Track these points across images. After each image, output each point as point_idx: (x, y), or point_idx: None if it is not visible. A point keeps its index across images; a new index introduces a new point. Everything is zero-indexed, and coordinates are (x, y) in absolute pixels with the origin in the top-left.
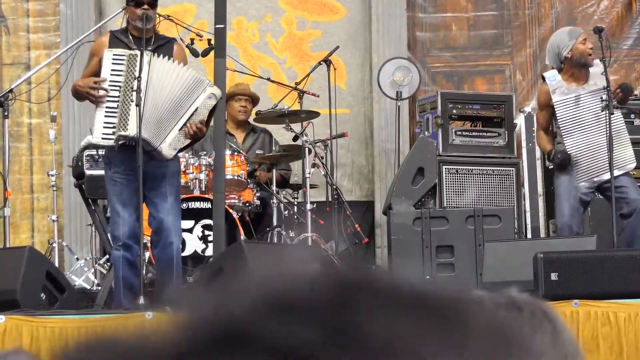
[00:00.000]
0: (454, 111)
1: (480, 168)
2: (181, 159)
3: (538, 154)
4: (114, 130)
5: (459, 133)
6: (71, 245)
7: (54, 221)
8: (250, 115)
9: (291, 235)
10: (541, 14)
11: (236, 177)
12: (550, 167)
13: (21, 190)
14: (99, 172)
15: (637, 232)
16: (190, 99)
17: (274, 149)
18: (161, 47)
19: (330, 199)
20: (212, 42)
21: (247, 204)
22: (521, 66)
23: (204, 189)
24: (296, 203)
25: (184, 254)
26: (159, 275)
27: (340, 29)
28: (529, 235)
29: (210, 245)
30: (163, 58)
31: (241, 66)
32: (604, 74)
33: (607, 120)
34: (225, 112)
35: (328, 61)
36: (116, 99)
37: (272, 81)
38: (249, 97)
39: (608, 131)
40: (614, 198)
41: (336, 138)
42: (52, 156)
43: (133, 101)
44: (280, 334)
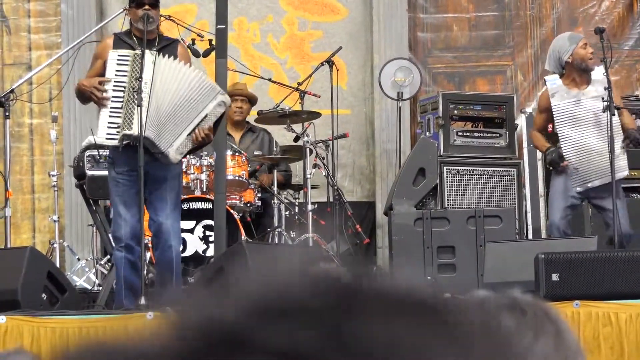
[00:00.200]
0: (455, 112)
1: (482, 169)
2: (182, 160)
3: (539, 154)
4: (118, 130)
5: (460, 134)
6: (72, 246)
7: (55, 221)
8: (247, 115)
9: (292, 235)
10: (542, 14)
11: (237, 178)
12: (550, 168)
13: (22, 191)
14: (100, 172)
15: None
16: (200, 105)
17: (274, 149)
18: (165, 48)
19: (331, 200)
20: (213, 42)
21: (248, 205)
22: (522, 67)
23: (205, 189)
24: (297, 203)
25: (185, 254)
26: (159, 277)
27: (341, 29)
28: (530, 236)
29: (212, 245)
30: (169, 58)
31: (242, 67)
32: (604, 79)
33: (608, 121)
34: (226, 112)
35: (331, 62)
36: (120, 99)
37: (273, 82)
38: (246, 98)
39: (609, 132)
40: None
41: (337, 139)
42: (53, 156)
43: (136, 102)
44: (278, 338)
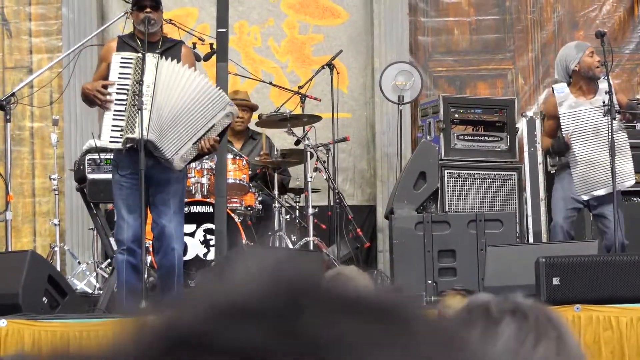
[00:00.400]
0: (456, 115)
1: (482, 172)
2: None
3: (540, 158)
4: (121, 133)
5: (461, 137)
6: (73, 249)
7: (55, 225)
8: (248, 123)
9: (293, 239)
10: (543, 18)
11: (238, 181)
12: (552, 172)
13: (23, 194)
14: (100, 176)
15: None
16: (208, 114)
17: (274, 154)
18: (169, 50)
19: (332, 203)
20: (214, 46)
21: (249, 208)
22: (523, 70)
23: (205, 193)
24: (298, 207)
25: (185, 258)
26: (160, 281)
27: (342, 33)
28: (530, 240)
29: (212, 249)
30: (172, 61)
31: (243, 70)
32: (613, 90)
33: (609, 125)
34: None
35: (331, 65)
36: (124, 102)
37: (274, 85)
38: (246, 107)
39: (610, 136)
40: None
41: (338, 142)
42: (54, 160)
43: (138, 105)
44: (232, 339)
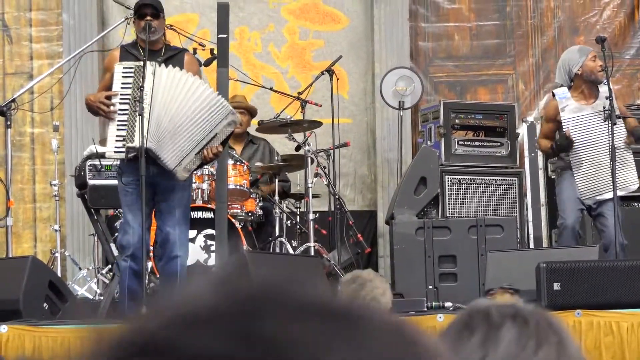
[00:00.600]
0: (457, 121)
1: (483, 178)
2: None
3: (540, 163)
4: (124, 143)
5: (462, 143)
6: (73, 255)
7: (56, 231)
8: (247, 127)
9: (294, 245)
10: (544, 23)
11: (239, 187)
12: (552, 177)
13: (24, 200)
14: (101, 181)
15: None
16: (211, 123)
17: (275, 159)
18: (172, 58)
19: (332, 209)
20: (215, 51)
21: (250, 214)
22: (524, 76)
23: (206, 198)
24: (298, 213)
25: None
26: (162, 288)
27: (342, 38)
28: (531, 245)
29: (213, 255)
30: (172, 69)
31: (243, 76)
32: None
33: (610, 130)
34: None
35: (331, 71)
36: (127, 112)
37: (274, 91)
38: (245, 110)
39: (611, 141)
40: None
41: (339, 148)
42: (55, 166)
43: (138, 113)
44: (194, 345)
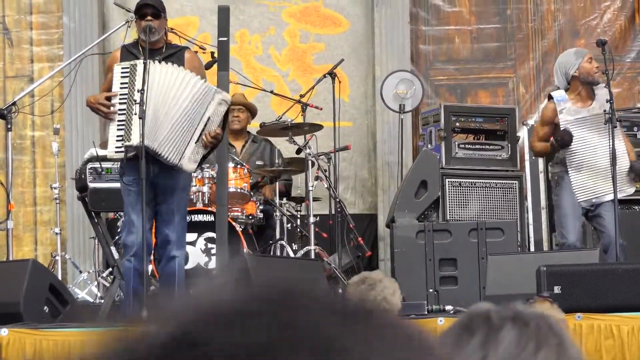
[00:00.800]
0: (457, 124)
1: (483, 181)
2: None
3: (541, 166)
4: (123, 142)
5: (462, 146)
6: (74, 258)
7: (57, 234)
8: (246, 124)
9: (294, 248)
10: (544, 26)
11: (239, 190)
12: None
13: (24, 203)
14: (102, 184)
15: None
16: (201, 110)
17: (276, 160)
18: (171, 56)
19: (333, 212)
20: (215, 55)
21: (250, 217)
22: (524, 79)
23: (207, 201)
24: (299, 216)
25: (187, 267)
26: (162, 289)
27: (343, 41)
28: (532, 248)
29: (214, 258)
30: (166, 65)
31: (244, 79)
32: (608, 96)
33: (610, 133)
34: (228, 124)
35: (333, 74)
36: (125, 112)
37: (275, 94)
38: (242, 106)
39: (611, 144)
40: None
41: (339, 151)
42: (55, 169)
43: (134, 111)
44: (234, 339)
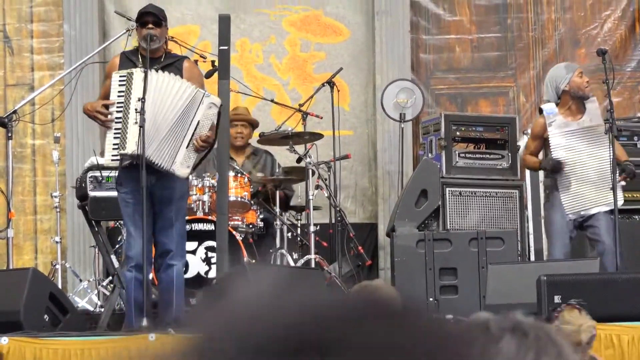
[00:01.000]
0: (458, 133)
1: (484, 190)
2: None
3: (541, 176)
4: (118, 151)
5: (463, 155)
6: (74, 267)
7: (57, 242)
8: (249, 139)
9: (294, 257)
10: (545, 36)
11: (239, 199)
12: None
13: (24, 212)
14: (102, 193)
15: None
16: (189, 114)
17: (276, 171)
18: (170, 65)
19: (333, 221)
20: (216, 63)
21: (251, 226)
22: (525, 88)
23: (207, 210)
24: (299, 225)
25: (187, 275)
26: (160, 297)
27: (343, 50)
28: (532, 258)
29: (214, 267)
30: (163, 74)
31: (245, 88)
32: (598, 110)
33: (610, 142)
34: (228, 133)
35: (332, 83)
36: (121, 120)
37: (275, 103)
38: (246, 122)
39: (612, 154)
40: (589, 238)
41: (339, 160)
42: (56, 177)
43: (130, 120)
44: (364, 339)
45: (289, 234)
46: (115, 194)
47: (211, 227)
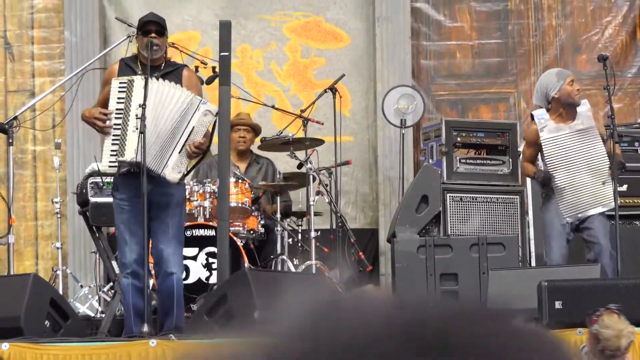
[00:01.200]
0: (458, 139)
1: (485, 196)
2: (186, 186)
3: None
4: (117, 157)
5: (463, 161)
6: (75, 273)
7: (58, 248)
8: (251, 144)
9: (295, 262)
10: (545, 42)
11: (240, 205)
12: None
13: (25, 218)
14: (103, 199)
15: (606, 275)
16: (185, 121)
17: (277, 178)
18: (170, 74)
19: (334, 227)
20: (217, 69)
21: (252, 232)
22: (525, 94)
23: (208, 216)
24: (300, 231)
25: (187, 281)
26: (160, 304)
27: (344, 56)
28: (533, 263)
29: (215, 273)
30: (163, 82)
31: (245, 94)
32: (590, 112)
33: (612, 149)
34: (229, 140)
35: (333, 89)
36: (120, 127)
37: (276, 109)
38: (248, 127)
39: (613, 160)
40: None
41: (340, 166)
42: (57, 183)
43: (129, 127)
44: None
45: (290, 240)
46: None
47: (212, 233)
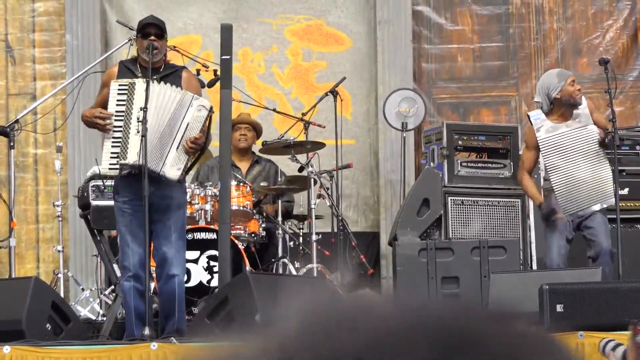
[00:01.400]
0: (460, 142)
1: (486, 199)
2: (187, 189)
3: (541, 181)
4: (118, 160)
5: (465, 164)
6: (76, 276)
7: (59, 251)
8: (252, 143)
9: (297, 266)
10: (547, 45)
11: (242, 208)
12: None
13: (27, 221)
14: (104, 202)
15: (606, 274)
16: (179, 118)
17: (279, 180)
18: (169, 76)
19: (335, 230)
20: (218, 73)
21: (253, 235)
22: (527, 97)
23: (209, 219)
24: (301, 234)
25: (189, 284)
26: (161, 307)
27: (346, 60)
28: (534, 267)
29: (216, 276)
30: (164, 85)
31: (247, 97)
32: (587, 109)
33: (614, 152)
34: (230, 142)
35: (335, 92)
36: (121, 129)
37: (277, 112)
38: (249, 125)
39: (615, 163)
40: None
41: (342, 169)
42: (58, 186)
43: (131, 130)
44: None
45: (291, 243)
46: None
47: (213, 236)
